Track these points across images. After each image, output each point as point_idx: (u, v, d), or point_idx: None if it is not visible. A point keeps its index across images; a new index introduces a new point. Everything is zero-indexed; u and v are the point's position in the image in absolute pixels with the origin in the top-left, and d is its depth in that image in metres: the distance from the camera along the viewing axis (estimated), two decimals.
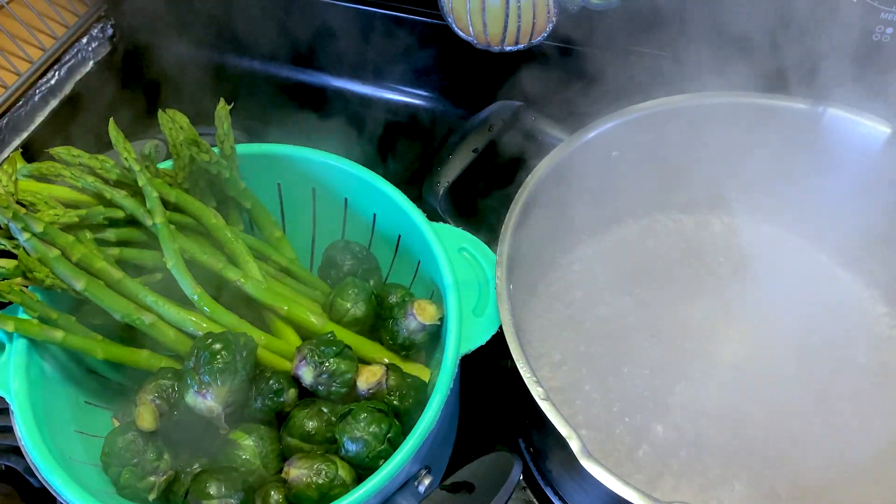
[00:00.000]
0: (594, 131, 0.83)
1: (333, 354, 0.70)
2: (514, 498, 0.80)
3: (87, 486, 0.64)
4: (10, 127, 1.07)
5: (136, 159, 0.75)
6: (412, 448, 0.63)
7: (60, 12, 1.16)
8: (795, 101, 0.82)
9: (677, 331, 0.82)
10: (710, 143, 0.87)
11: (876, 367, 0.80)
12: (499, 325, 0.70)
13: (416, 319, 0.74)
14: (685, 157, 0.88)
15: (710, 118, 0.85)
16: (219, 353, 0.67)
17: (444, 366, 0.68)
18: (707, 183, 0.89)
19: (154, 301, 0.72)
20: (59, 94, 1.13)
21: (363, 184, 0.80)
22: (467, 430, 0.82)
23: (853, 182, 0.84)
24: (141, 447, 0.68)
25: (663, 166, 0.88)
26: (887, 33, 0.86)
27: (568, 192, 0.84)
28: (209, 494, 0.64)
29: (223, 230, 0.77)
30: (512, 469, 0.64)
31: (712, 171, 0.89)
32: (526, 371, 0.66)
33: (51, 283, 0.70)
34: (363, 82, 1.19)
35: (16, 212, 0.69)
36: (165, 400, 0.69)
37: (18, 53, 1.10)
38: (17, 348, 0.69)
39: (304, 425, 0.69)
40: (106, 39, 1.19)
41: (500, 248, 0.74)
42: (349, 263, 0.83)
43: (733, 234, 0.91)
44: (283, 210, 0.86)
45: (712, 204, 0.91)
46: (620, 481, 0.60)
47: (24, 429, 0.65)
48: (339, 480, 0.66)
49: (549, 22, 0.97)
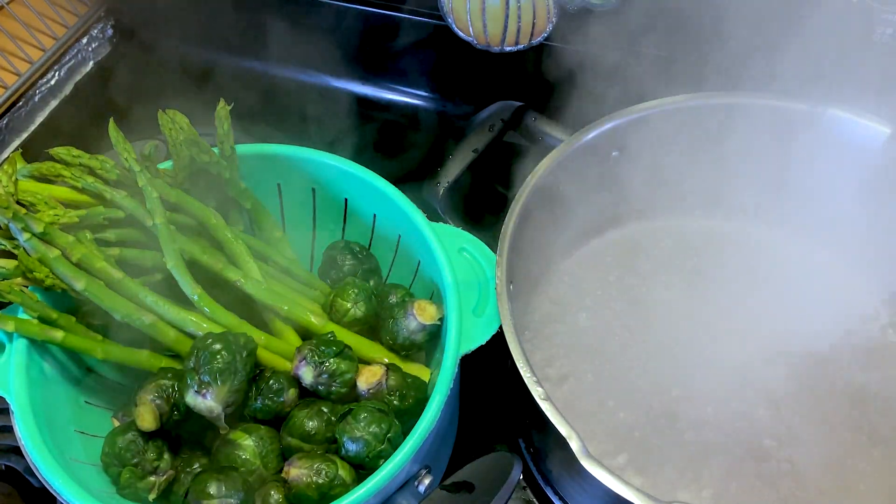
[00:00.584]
0: (594, 131, 0.83)
1: (333, 354, 0.70)
2: (514, 498, 0.80)
3: (87, 486, 0.64)
4: (10, 127, 1.07)
5: (136, 159, 0.75)
6: (412, 448, 0.63)
7: (60, 12, 1.16)
8: (795, 101, 0.82)
9: (678, 332, 0.82)
10: (709, 144, 0.87)
11: (876, 372, 0.80)
12: (499, 325, 0.70)
13: (416, 319, 0.74)
14: (685, 157, 0.88)
15: (710, 118, 0.85)
16: (218, 353, 0.67)
17: (444, 366, 0.68)
18: (707, 183, 0.89)
19: (154, 301, 0.72)
20: (59, 94, 1.13)
21: (363, 184, 0.80)
22: (467, 430, 0.82)
23: (853, 182, 0.84)
24: (141, 447, 0.68)
25: (663, 166, 0.88)
26: (887, 33, 0.86)
27: (568, 192, 0.84)
28: (209, 494, 0.64)
29: (223, 230, 0.77)
30: (512, 469, 0.64)
31: (712, 172, 0.89)
32: (526, 371, 0.66)
33: (51, 283, 0.70)
34: (363, 82, 1.19)
35: (16, 212, 0.69)
36: (165, 400, 0.69)
37: (18, 54, 1.10)
38: (17, 348, 0.69)
39: (304, 425, 0.69)
40: (106, 39, 1.19)
41: (500, 248, 0.74)
42: (349, 263, 0.83)
43: (733, 235, 0.91)
44: (283, 210, 0.86)
45: (712, 204, 0.91)
46: (620, 481, 0.60)
47: (24, 429, 0.65)
48: (340, 480, 0.66)
49: (549, 22, 0.97)
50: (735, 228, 0.91)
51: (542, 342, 0.83)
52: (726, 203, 0.91)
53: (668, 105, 0.84)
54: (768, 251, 0.89)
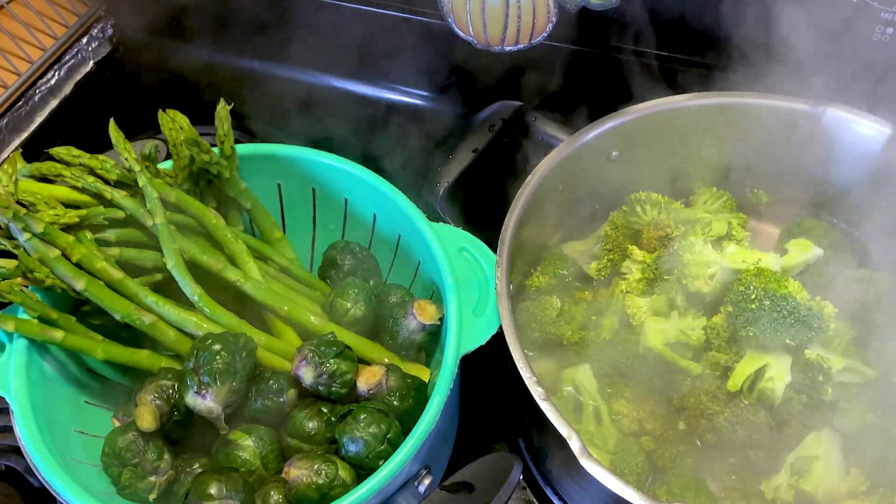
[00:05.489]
0: (594, 131, 0.83)
1: (334, 355, 0.70)
2: (514, 498, 0.80)
3: (87, 486, 0.64)
4: (10, 127, 1.07)
5: (136, 159, 0.75)
6: (412, 448, 0.63)
7: (60, 12, 1.16)
8: (795, 101, 0.82)
9: None
10: (709, 144, 0.87)
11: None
12: (499, 325, 0.70)
13: (416, 319, 0.74)
14: (684, 157, 0.88)
15: (710, 118, 0.85)
16: (218, 353, 0.67)
17: (444, 366, 0.68)
18: (706, 183, 0.89)
19: (154, 301, 0.72)
20: (59, 94, 1.13)
21: (363, 184, 0.80)
22: (467, 430, 0.82)
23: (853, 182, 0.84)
24: (141, 447, 0.68)
25: (663, 166, 0.88)
26: (887, 33, 0.86)
27: (568, 192, 0.84)
28: (210, 495, 0.64)
29: (223, 230, 0.77)
30: (512, 469, 0.64)
31: (712, 172, 0.89)
32: (526, 371, 0.66)
33: (51, 283, 0.70)
34: (363, 82, 1.19)
35: (16, 212, 0.69)
36: (165, 400, 0.69)
37: (18, 53, 1.10)
38: (17, 348, 0.69)
39: (304, 425, 0.69)
40: (106, 39, 1.19)
41: (500, 248, 0.74)
42: (349, 263, 0.83)
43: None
44: (283, 210, 0.86)
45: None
46: (620, 481, 0.60)
47: (24, 429, 0.65)
48: (340, 480, 0.66)
49: (549, 22, 0.97)
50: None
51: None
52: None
53: (667, 105, 0.84)
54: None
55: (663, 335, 0.76)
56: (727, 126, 0.85)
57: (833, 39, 0.85)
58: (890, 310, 0.76)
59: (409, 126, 1.14)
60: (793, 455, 0.71)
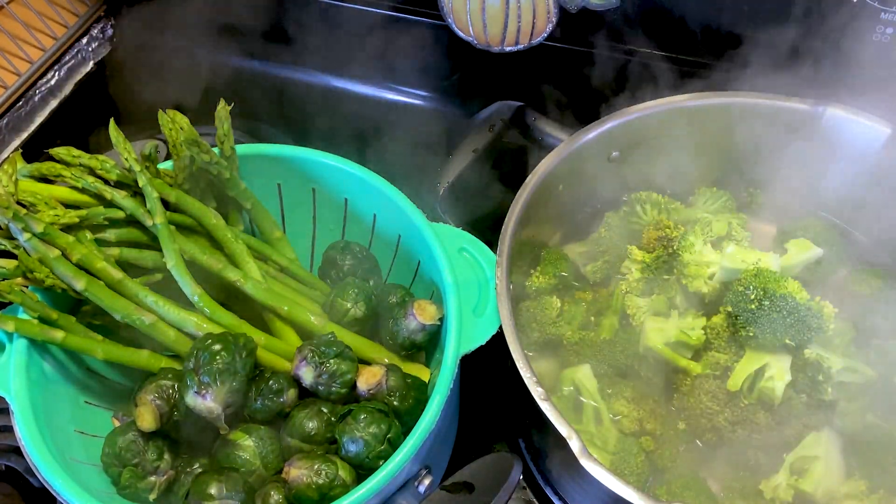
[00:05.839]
0: (594, 131, 0.83)
1: (334, 355, 0.70)
2: (514, 498, 0.80)
3: (87, 486, 0.64)
4: (10, 127, 1.07)
5: (136, 159, 0.75)
6: (412, 448, 0.63)
7: (60, 12, 1.16)
8: (795, 101, 0.82)
9: None
10: (709, 144, 0.87)
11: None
12: (499, 325, 0.70)
13: (416, 319, 0.74)
14: (684, 157, 0.88)
15: (710, 118, 0.85)
16: (218, 353, 0.67)
17: (444, 366, 0.68)
18: (706, 183, 0.89)
19: (154, 301, 0.72)
20: (59, 94, 1.13)
21: (363, 184, 0.80)
22: (467, 430, 0.82)
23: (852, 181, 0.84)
24: (141, 447, 0.68)
25: (663, 166, 0.88)
26: (887, 33, 0.86)
27: (568, 192, 0.84)
28: (210, 495, 0.64)
29: (223, 230, 0.77)
30: (512, 469, 0.64)
31: (711, 172, 0.89)
32: (526, 371, 0.66)
33: (51, 283, 0.70)
34: (363, 82, 1.19)
35: (16, 212, 0.69)
36: (165, 400, 0.69)
37: (18, 53, 1.10)
38: (17, 348, 0.69)
39: (304, 425, 0.69)
40: (106, 39, 1.19)
41: (500, 248, 0.74)
42: (349, 263, 0.83)
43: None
44: (283, 210, 0.86)
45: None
46: (620, 481, 0.60)
47: (24, 429, 0.65)
48: (340, 480, 0.66)
49: (549, 22, 0.97)
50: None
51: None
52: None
53: (668, 105, 0.84)
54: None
55: (663, 335, 0.76)
56: (727, 126, 0.85)
57: (833, 39, 0.85)
58: (890, 310, 0.76)
59: (409, 126, 1.14)
60: (792, 455, 0.71)
